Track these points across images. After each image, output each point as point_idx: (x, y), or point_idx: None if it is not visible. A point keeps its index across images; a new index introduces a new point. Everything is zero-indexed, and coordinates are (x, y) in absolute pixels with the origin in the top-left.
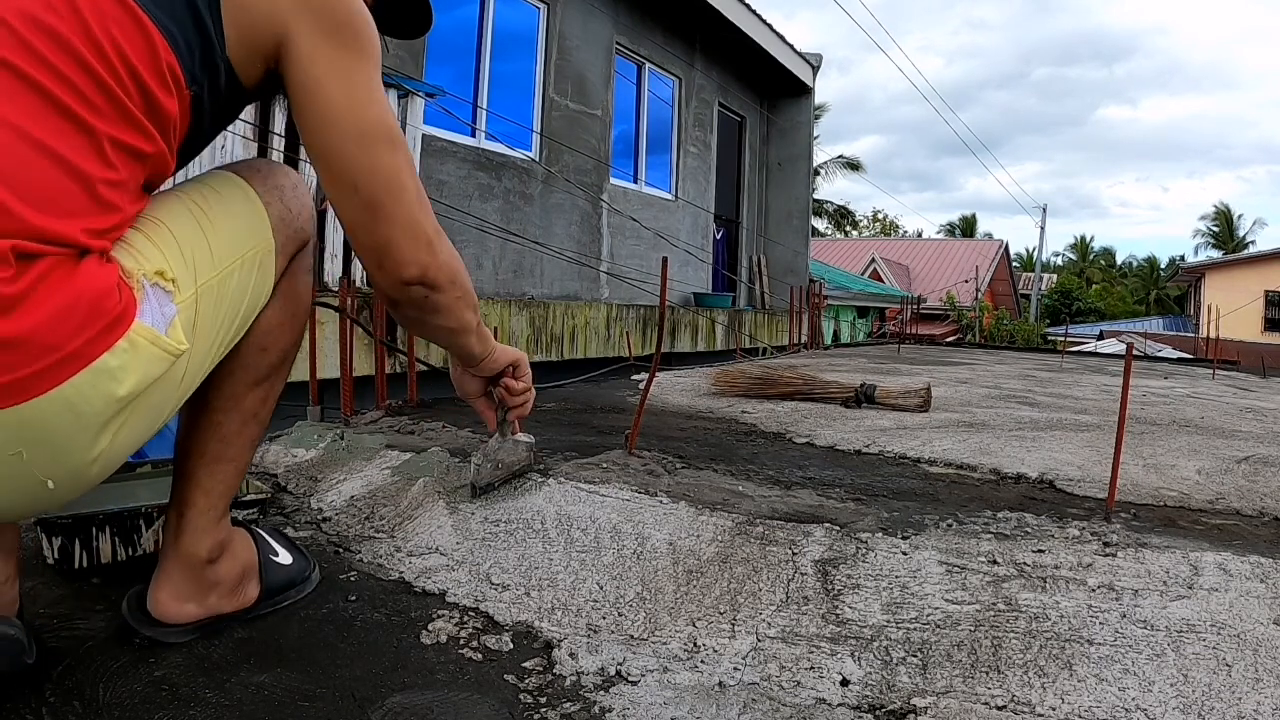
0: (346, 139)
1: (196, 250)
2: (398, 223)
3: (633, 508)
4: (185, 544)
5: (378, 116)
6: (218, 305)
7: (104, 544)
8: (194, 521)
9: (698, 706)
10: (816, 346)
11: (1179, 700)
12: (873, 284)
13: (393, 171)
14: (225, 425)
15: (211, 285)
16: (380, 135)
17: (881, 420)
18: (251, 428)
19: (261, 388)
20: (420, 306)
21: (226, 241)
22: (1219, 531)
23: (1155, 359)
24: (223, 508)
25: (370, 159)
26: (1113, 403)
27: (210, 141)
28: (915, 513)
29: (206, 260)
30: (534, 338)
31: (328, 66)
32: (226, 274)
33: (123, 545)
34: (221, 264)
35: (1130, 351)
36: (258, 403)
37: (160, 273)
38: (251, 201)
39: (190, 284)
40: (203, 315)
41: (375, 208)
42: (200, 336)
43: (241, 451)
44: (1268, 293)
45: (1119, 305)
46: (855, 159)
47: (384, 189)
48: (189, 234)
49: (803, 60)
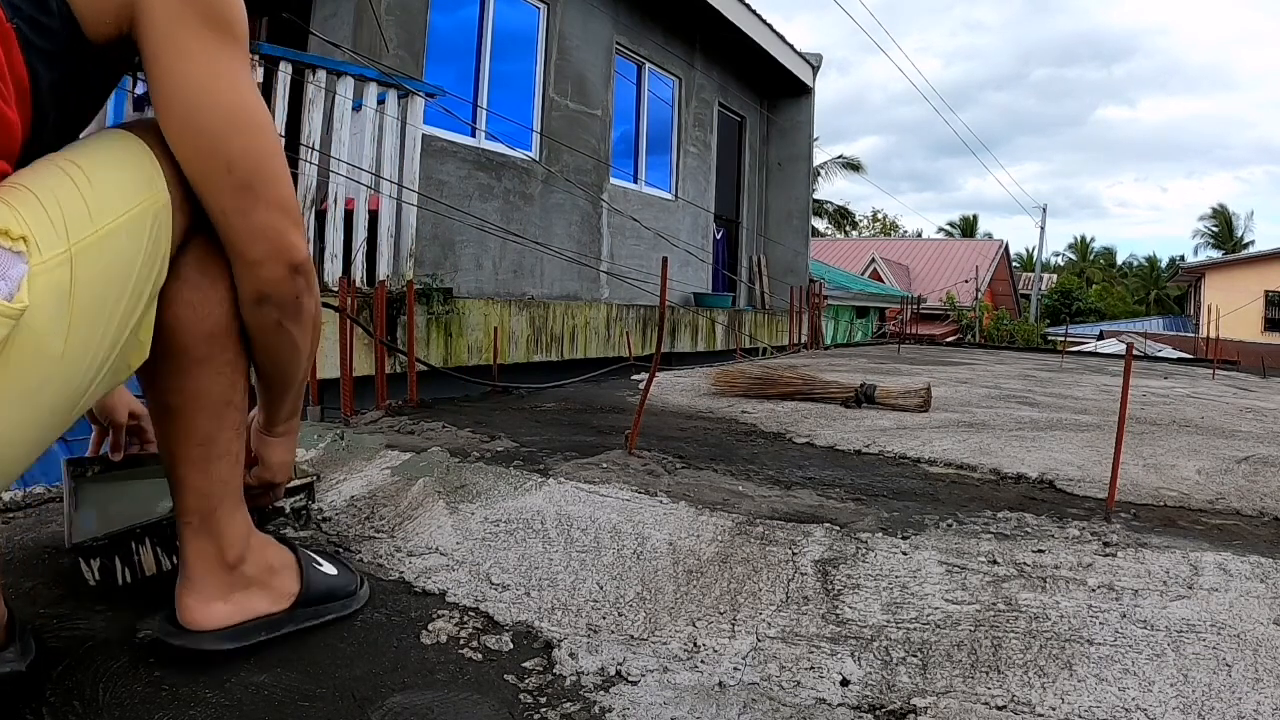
0: (215, 119)
1: (67, 206)
2: (278, 204)
3: (633, 508)
4: (200, 545)
5: (246, 99)
6: (106, 268)
7: (146, 556)
8: (203, 524)
9: (698, 706)
10: (816, 346)
11: (1179, 700)
12: (873, 284)
13: (264, 154)
14: (196, 421)
15: (91, 244)
16: (248, 119)
17: (881, 420)
18: (231, 414)
19: (217, 368)
20: (292, 307)
21: (108, 196)
22: (1219, 531)
23: (1155, 359)
24: (232, 500)
25: (243, 141)
26: (1112, 403)
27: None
28: (915, 513)
29: (80, 217)
30: (534, 338)
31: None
32: (110, 232)
33: (165, 554)
34: (102, 220)
35: (1130, 351)
36: (225, 387)
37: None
38: (141, 152)
39: (58, 242)
40: (84, 280)
41: (250, 190)
42: (85, 304)
43: (230, 442)
44: (1268, 293)
45: (1119, 305)
46: (855, 159)
47: (259, 172)
48: (57, 189)
49: (803, 60)
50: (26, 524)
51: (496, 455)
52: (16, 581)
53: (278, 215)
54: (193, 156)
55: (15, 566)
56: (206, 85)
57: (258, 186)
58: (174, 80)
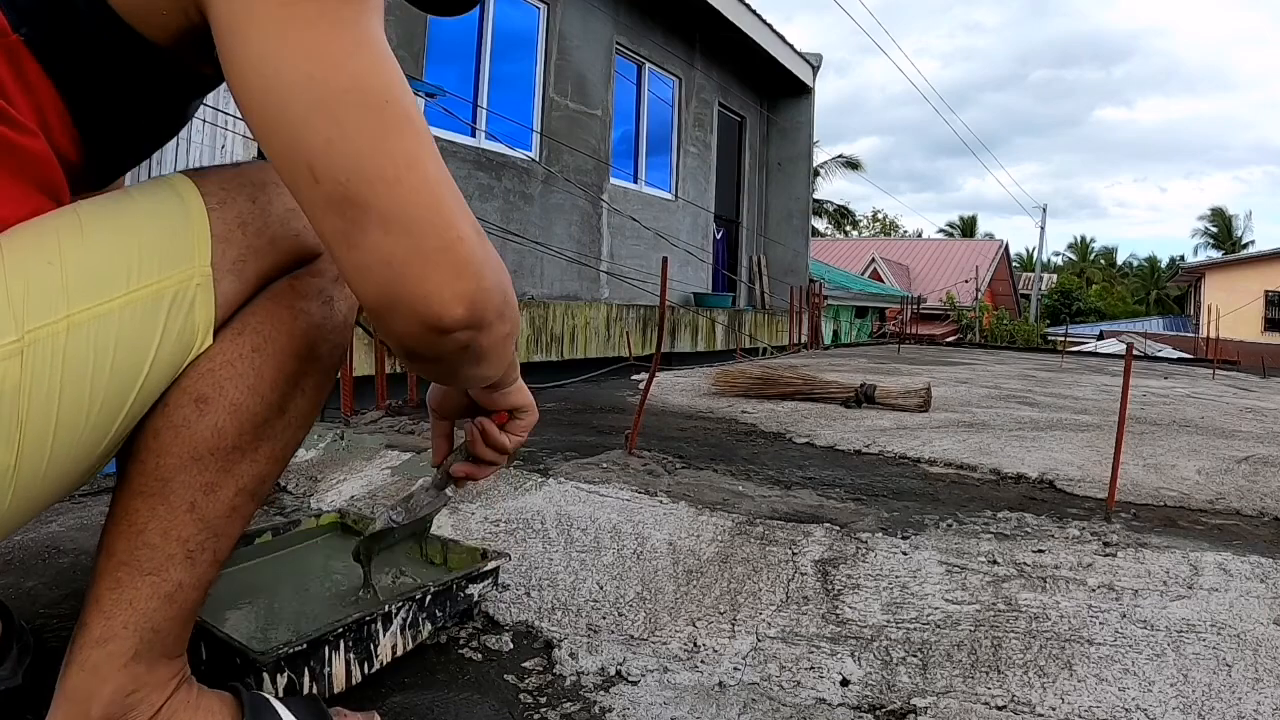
0: (286, 104)
1: (35, 280)
2: (401, 225)
3: (633, 508)
4: (70, 684)
5: (338, 65)
6: (82, 363)
7: (338, 667)
8: (86, 654)
9: (698, 706)
10: (816, 346)
11: (1179, 700)
12: (873, 284)
13: (379, 145)
14: (140, 514)
15: (54, 333)
16: (341, 93)
17: (881, 420)
18: (187, 528)
19: (204, 466)
20: (454, 363)
21: (101, 268)
22: (1219, 531)
23: (1155, 359)
24: (133, 648)
25: (330, 129)
26: (1112, 403)
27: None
28: (915, 513)
29: (50, 295)
30: (534, 338)
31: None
32: (95, 317)
33: (358, 663)
34: (81, 303)
35: (1130, 351)
36: (198, 489)
37: None
38: (182, 205)
39: (7, 330)
40: (34, 377)
41: (352, 205)
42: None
43: (167, 564)
44: (1268, 293)
45: (1119, 305)
46: (855, 158)
47: (368, 174)
48: (32, 254)
49: (803, 60)
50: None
51: None
52: (17, 581)
53: (402, 243)
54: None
55: (15, 567)
56: (270, 50)
57: (363, 196)
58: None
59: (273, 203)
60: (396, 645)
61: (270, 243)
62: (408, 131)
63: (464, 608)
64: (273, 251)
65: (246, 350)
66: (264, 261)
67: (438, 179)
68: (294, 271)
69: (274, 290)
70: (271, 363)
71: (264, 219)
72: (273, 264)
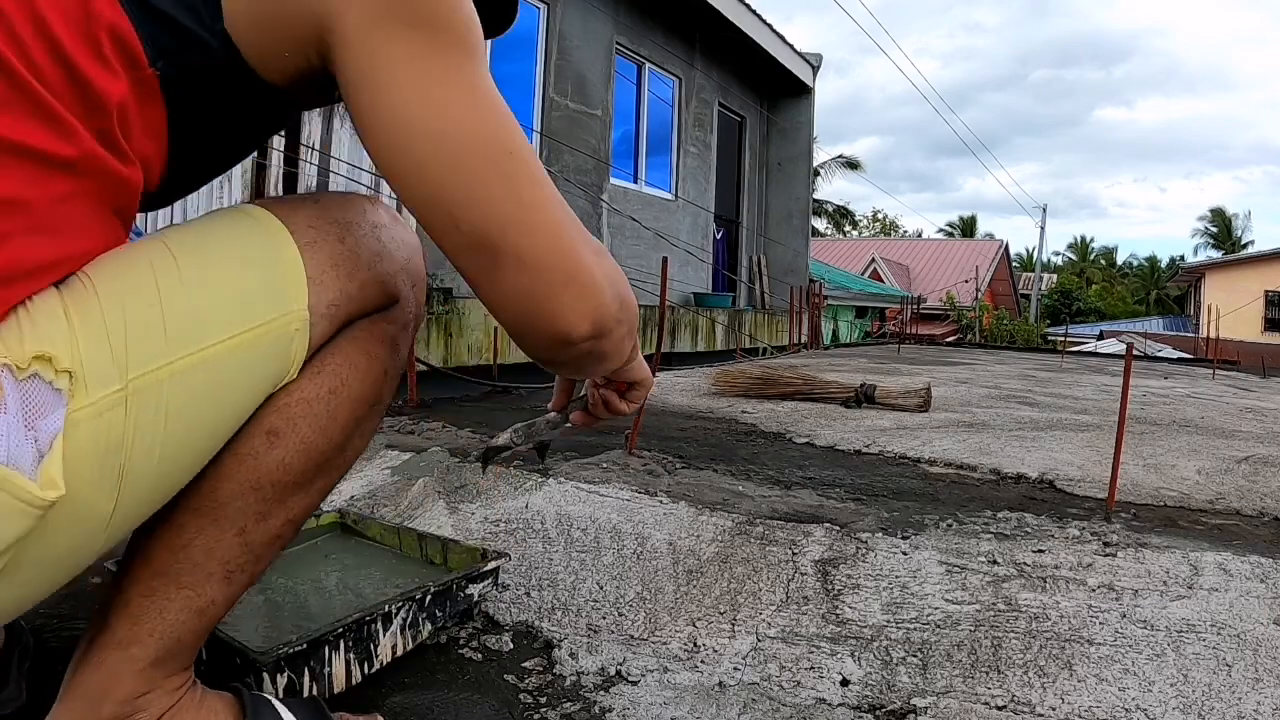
0: (429, 160)
1: (135, 325)
2: (533, 264)
3: (633, 508)
4: (82, 682)
5: (472, 122)
6: (172, 409)
7: (338, 667)
8: (104, 655)
9: (698, 706)
10: (816, 346)
11: (1179, 700)
12: (873, 284)
13: (511, 194)
14: (188, 530)
15: (157, 380)
16: (478, 149)
17: (881, 420)
18: (232, 550)
19: (262, 495)
20: (580, 363)
21: (201, 312)
22: (1219, 531)
23: (1155, 359)
24: (154, 654)
25: (470, 183)
26: (1112, 403)
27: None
28: (915, 513)
29: (152, 341)
30: None
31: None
32: (196, 364)
33: (358, 663)
34: (183, 348)
35: (1130, 351)
36: (252, 518)
37: (42, 356)
38: (274, 244)
39: (110, 378)
40: (137, 426)
41: (491, 249)
42: (144, 453)
43: (204, 581)
44: (1268, 293)
45: (1119, 305)
46: (854, 158)
47: (503, 221)
48: (130, 295)
49: (803, 60)
50: None
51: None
52: None
53: (533, 278)
54: (415, 211)
55: None
56: (410, 112)
57: (500, 242)
58: (372, 110)
59: (361, 245)
60: (396, 645)
61: (360, 287)
62: (530, 178)
63: (464, 608)
64: (361, 297)
65: (324, 392)
66: (354, 306)
67: (559, 217)
68: (372, 315)
69: (354, 334)
70: (345, 406)
71: (354, 261)
72: (359, 308)
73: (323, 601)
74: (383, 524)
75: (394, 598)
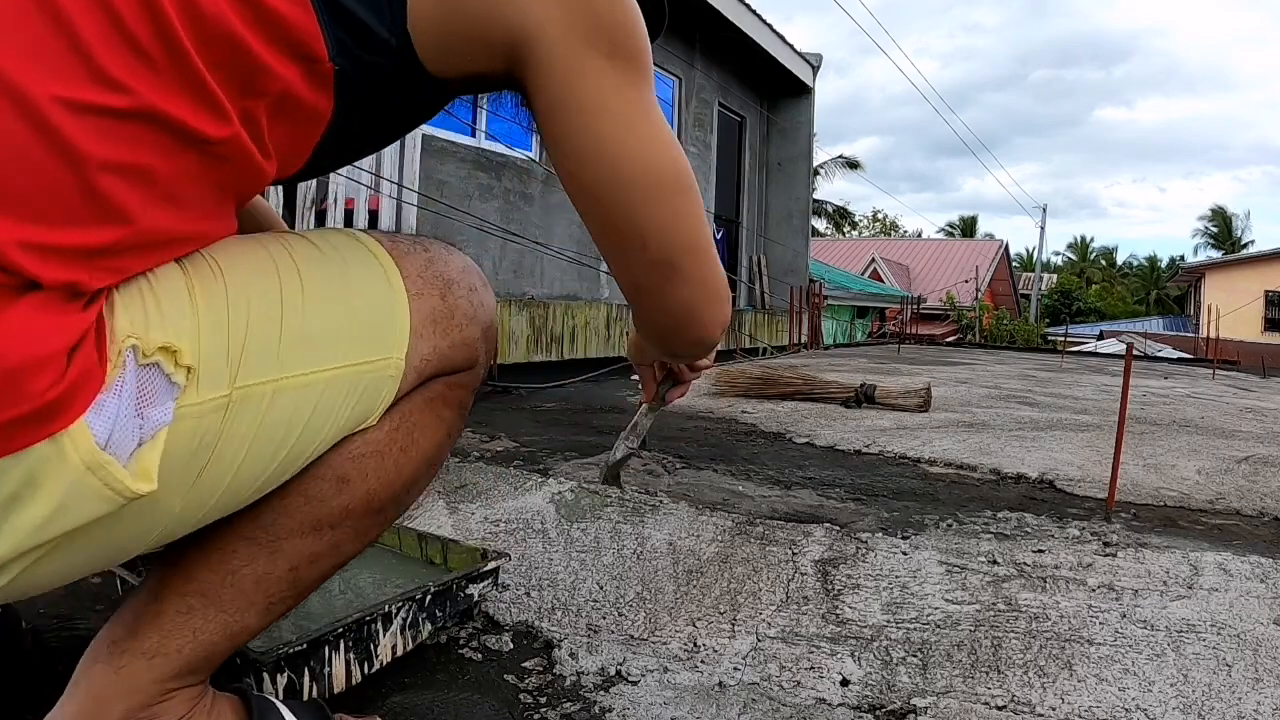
0: (632, 188)
1: (255, 332)
2: (697, 282)
3: (632, 507)
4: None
5: (669, 155)
6: (264, 425)
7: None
8: (126, 661)
9: (698, 706)
10: (816, 346)
11: (1179, 700)
12: (873, 284)
13: (690, 222)
14: (239, 556)
15: (261, 394)
16: (672, 181)
17: (881, 420)
18: (280, 585)
19: (320, 537)
20: (700, 355)
21: (316, 336)
22: (1219, 531)
23: (1155, 359)
24: (178, 668)
25: (664, 211)
26: (1112, 403)
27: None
28: (915, 513)
29: (266, 353)
30: (534, 338)
31: (599, 87)
32: (300, 385)
33: (358, 663)
34: (293, 367)
35: (1130, 351)
36: (304, 557)
37: (169, 349)
38: (388, 286)
39: (221, 381)
40: (229, 434)
41: (670, 268)
42: (226, 462)
43: (246, 609)
44: (1268, 293)
45: (1119, 305)
46: (854, 158)
47: (682, 246)
48: (255, 304)
49: (803, 60)
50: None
51: (496, 455)
52: None
53: (698, 293)
54: (602, 231)
55: None
56: (620, 140)
57: (678, 262)
58: (579, 134)
59: (458, 305)
60: (396, 645)
61: (451, 347)
62: (700, 207)
63: (464, 608)
64: (450, 357)
65: (396, 448)
66: (441, 365)
67: (711, 240)
68: (449, 376)
69: (431, 391)
70: (413, 463)
71: (450, 320)
72: (443, 368)
73: (323, 601)
74: None
75: (394, 598)
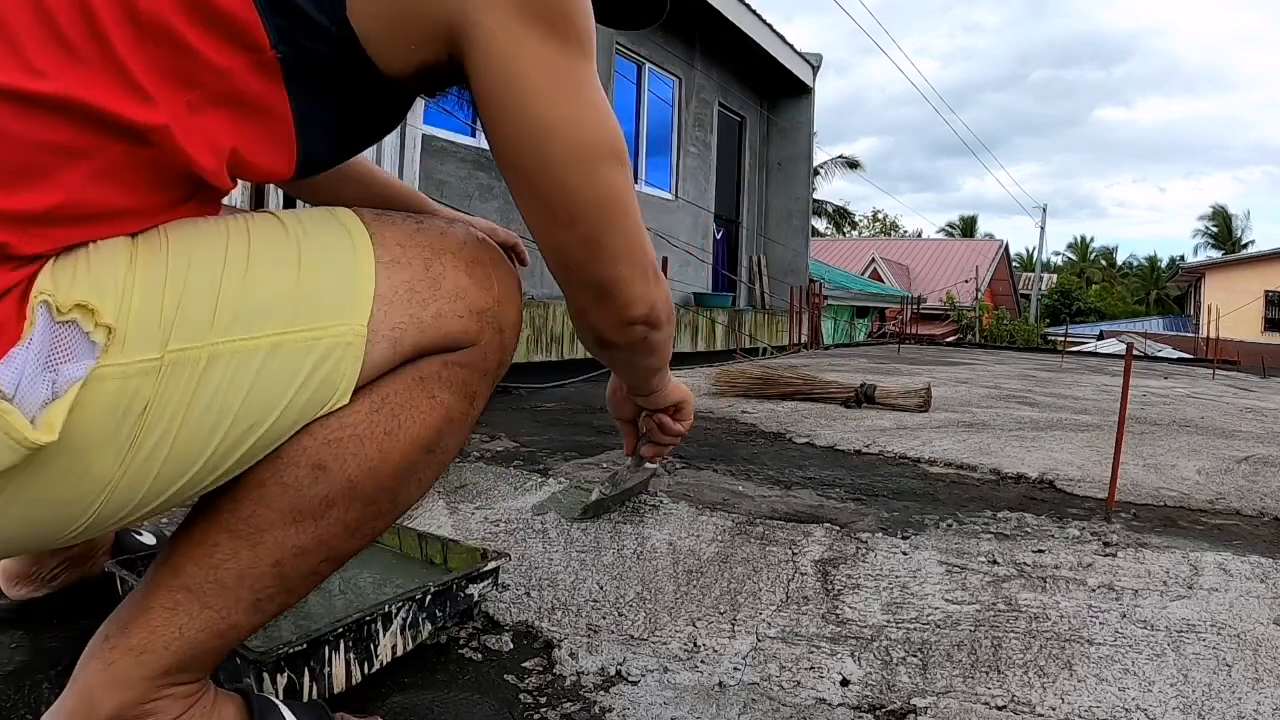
0: (564, 159)
1: (191, 298)
2: (624, 256)
3: (633, 508)
4: (88, 678)
5: (599, 126)
6: (201, 392)
7: (338, 667)
8: (115, 657)
9: (698, 706)
10: (816, 346)
11: (1179, 700)
12: (873, 284)
13: (618, 195)
14: (222, 550)
15: (196, 359)
16: (604, 151)
17: (881, 420)
18: (264, 580)
19: (303, 529)
20: (635, 348)
21: (258, 302)
22: (1219, 531)
23: (1155, 359)
24: (166, 665)
25: (593, 183)
26: (1112, 403)
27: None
28: (915, 513)
29: (201, 318)
30: (534, 338)
31: (533, 61)
32: (237, 351)
33: (358, 663)
34: (230, 333)
35: (1130, 351)
36: (288, 550)
37: (85, 306)
38: (352, 254)
39: (152, 345)
40: (163, 398)
41: (597, 242)
42: (155, 428)
43: (231, 606)
44: (1268, 293)
45: (1119, 305)
46: (854, 158)
47: (609, 218)
48: (195, 269)
49: (803, 60)
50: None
51: (496, 455)
52: None
53: (624, 268)
54: (530, 206)
55: None
56: (548, 119)
57: (604, 239)
58: (508, 114)
59: (446, 275)
60: (396, 645)
61: (435, 318)
62: (629, 181)
63: (464, 608)
64: (435, 329)
65: (379, 432)
66: (424, 336)
67: (640, 219)
68: (446, 354)
69: (422, 370)
70: (399, 450)
71: (434, 290)
72: (431, 341)
73: (323, 601)
74: None
75: (394, 598)
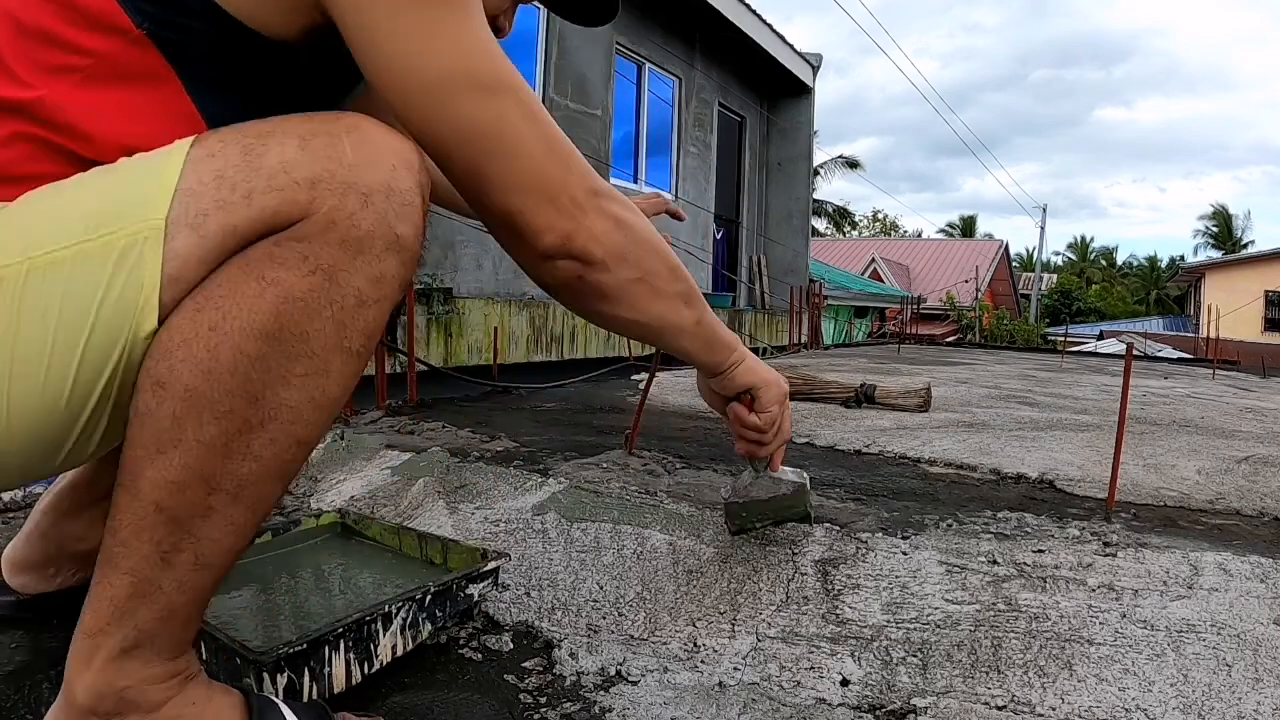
0: (419, 94)
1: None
2: (516, 186)
3: (632, 507)
4: (67, 669)
5: (453, 57)
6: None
7: (338, 667)
8: (79, 644)
9: (698, 706)
10: (816, 346)
11: (1179, 700)
12: (873, 284)
13: (488, 125)
14: (118, 507)
15: (16, 274)
16: (462, 82)
17: (881, 420)
18: (157, 527)
19: (168, 460)
20: (575, 290)
21: (70, 215)
22: (1219, 531)
23: (1155, 359)
24: (119, 643)
25: (454, 114)
26: (1112, 402)
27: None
28: (915, 513)
29: (21, 235)
30: (534, 338)
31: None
32: (49, 263)
33: (358, 663)
34: (39, 246)
35: (1130, 351)
36: (164, 488)
37: None
38: (165, 157)
39: None
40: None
41: (479, 173)
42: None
43: (141, 564)
44: (1268, 293)
45: (1119, 305)
46: (854, 158)
47: (484, 148)
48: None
49: (803, 60)
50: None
51: (496, 455)
52: None
53: (515, 198)
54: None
55: None
56: (401, 55)
57: (486, 170)
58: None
59: (268, 154)
60: (396, 645)
61: (245, 197)
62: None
63: (464, 608)
64: (246, 207)
65: (203, 328)
66: (232, 216)
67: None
68: (276, 234)
69: (246, 256)
70: (229, 342)
71: (248, 172)
72: (247, 221)
73: (323, 601)
74: (383, 524)
75: (394, 598)
